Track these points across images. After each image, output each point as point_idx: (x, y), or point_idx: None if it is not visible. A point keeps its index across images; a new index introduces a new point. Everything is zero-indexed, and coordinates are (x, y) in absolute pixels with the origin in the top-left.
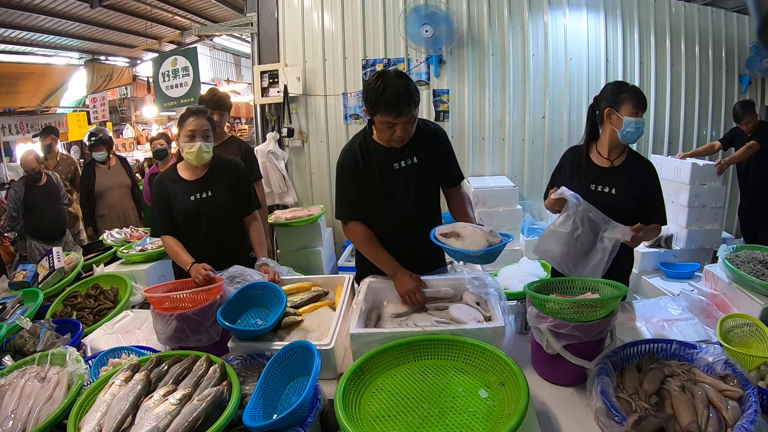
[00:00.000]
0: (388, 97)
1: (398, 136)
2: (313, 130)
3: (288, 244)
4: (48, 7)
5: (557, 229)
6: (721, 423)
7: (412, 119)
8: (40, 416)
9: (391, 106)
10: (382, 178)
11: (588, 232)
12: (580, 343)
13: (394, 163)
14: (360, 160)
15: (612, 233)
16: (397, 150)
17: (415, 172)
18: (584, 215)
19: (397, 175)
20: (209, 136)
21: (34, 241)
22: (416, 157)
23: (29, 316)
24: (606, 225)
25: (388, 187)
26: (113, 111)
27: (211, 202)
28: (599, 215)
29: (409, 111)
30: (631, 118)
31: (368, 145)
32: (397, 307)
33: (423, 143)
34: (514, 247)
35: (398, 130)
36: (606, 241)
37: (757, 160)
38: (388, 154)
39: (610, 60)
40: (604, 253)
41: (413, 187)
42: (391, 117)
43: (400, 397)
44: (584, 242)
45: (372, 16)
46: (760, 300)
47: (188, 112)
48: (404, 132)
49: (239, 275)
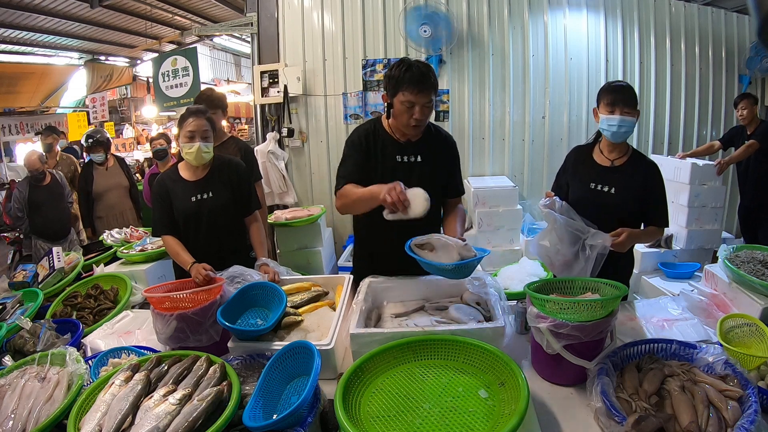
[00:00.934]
0: (413, 74)
1: (416, 118)
2: (313, 130)
3: (288, 244)
4: (48, 7)
5: (540, 243)
6: (721, 423)
7: (430, 103)
8: (40, 416)
9: (414, 82)
10: (384, 166)
11: (568, 246)
12: (580, 343)
13: (397, 156)
14: (365, 140)
15: (593, 240)
16: (402, 144)
17: (418, 171)
18: (563, 231)
19: (398, 168)
20: (209, 137)
21: (39, 240)
22: (420, 157)
23: (29, 316)
24: (587, 234)
25: (387, 177)
26: (113, 111)
27: (212, 202)
28: (581, 226)
29: (429, 91)
30: (604, 116)
31: (377, 131)
32: (397, 307)
33: (430, 145)
34: (514, 247)
35: (417, 111)
36: (588, 249)
37: (756, 160)
38: (394, 146)
39: (610, 60)
40: (588, 262)
41: (415, 185)
42: (413, 94)
43: (400, 397)
44: (565, 254)
45: (372, 16)
46: (760, 300)
47: (188, 112)
48: (422, 114)
49: (239, 275)
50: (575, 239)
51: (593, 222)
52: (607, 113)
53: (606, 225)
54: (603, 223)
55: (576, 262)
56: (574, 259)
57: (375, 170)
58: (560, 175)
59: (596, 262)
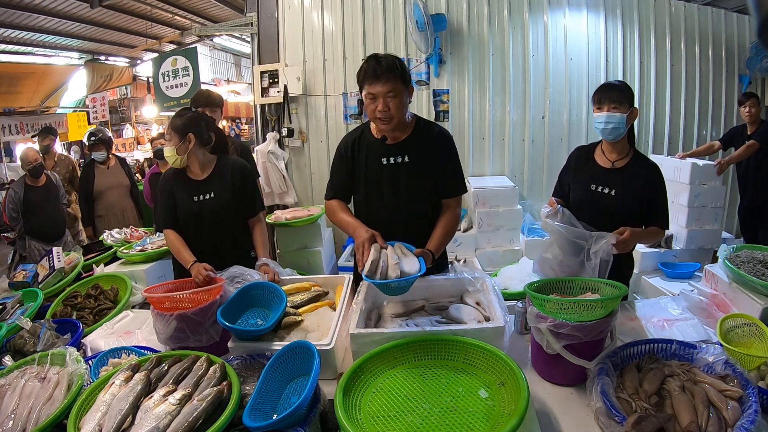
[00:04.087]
0: (369, 65)
1: (379, 110)
2: (313, 130)
3: (288, 244)
4: (48, 7)
5: (544, 255)
6: (721, 423)
7: (393, 93)
8: (40, 416)
9: (370, 72)
10: (368, 170)
11: (572, 256)
12: (580, 343)
13: (382, 158)
14: (350, 149)
15: (596, 246)
16: (387, 146)
17: (405, 172)
18: (566, 242)
19: (384, 170)
20: (170, 140)
21: (33, 241)
22: (407, 157)
23: (29, 316)
24: (590, 240)
25: (373, 181)
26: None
27: (213, 203)
28: (583, 234)
29: (386, 79)
30: (595, 113)
31: (363, 136)
32: (397, 307)
33: (418, 144)
34: (514, 247)
35: (379, 103)
36: (593, 258)
37: (756, 160)
38: (378, 149)
39: (610, 60)
40: (594, 271)
41: (403, 187)
42: (370, 85)
43: (400, 397)
44: (570, 265)
45: (372, 16)
46: (760, 300)
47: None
48: (385, 106)
49: (239, 275)
50: (579, 249)
51: (594, 225)
52: (596, 110)
53: (606, 227)
54: (603, 225)
55: (582, 271)
56: (579, 269)
57: (360, 176)
58: (562, 175)
59: (601, 269)
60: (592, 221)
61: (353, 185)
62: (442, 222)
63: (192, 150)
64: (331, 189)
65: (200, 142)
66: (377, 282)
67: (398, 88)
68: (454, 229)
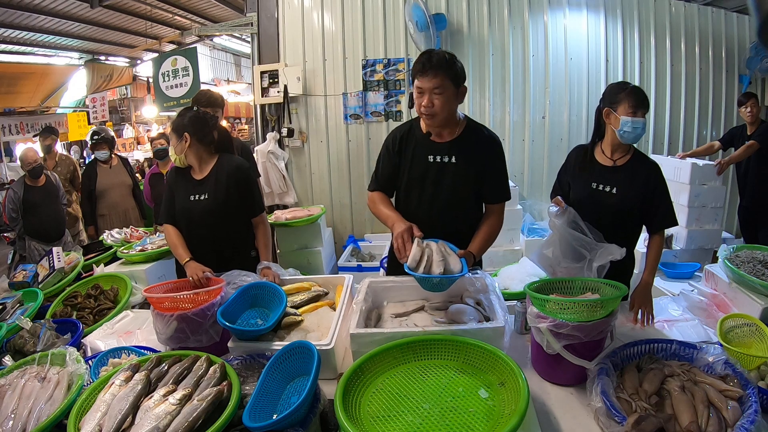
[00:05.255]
0: (420, 59)
1: (424, 105)
2: (313, 130)
3: (288, 244)
4: (48, 7)
5: (543, 252)
6: (721, 423)
7: (440, 90)
8: (41, 416)
9: (419, 68)
10: (413, 166)
11: (572, 261)
12: (580, 343)
13: (429, 156)
14: (397, 143)
15: (601, 259)
16: (436, 144)
17: (451, 173)
18: (568, 246)
19: (429, 168)
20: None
21: (33, 241)
22: (455, 158)
23: (29, 316)
24: (594, 252)
25: (417, 177)
26: (113, 111)
27: (206, 204)
28: (588, 243)
29: (433, 75)
30: (627, 118)
31: (412, 130)
32: (397, 307)
33: (467, 146)
34: (514, 247)
35: (425, 98)
36: (594, 270)
37: (756, 160)
38: (426, 146)
39: (610, 60)
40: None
41: (446, 187)
42: (419, 79)
43: (400, 397)
44: (569, 269)
45: (372, 16)
46: (760, 300)
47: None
48: (429, 102)
49: (238, 282)
50: (580, 256)
51: (594, 222)
52: (630, 115)
53: (607, 225)
54: (604, 223)
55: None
56: (577, 274)
57: (405, 171)
58: (561, 174)
59: (599, 273)
60: (593, 219)
61: (397, 180)
62: (485, 225)
63: (189, 149)
64: (375, 181)
65: (199, 141)
66: (420, 276)
67: (446, 84)
68: (496, 234)
